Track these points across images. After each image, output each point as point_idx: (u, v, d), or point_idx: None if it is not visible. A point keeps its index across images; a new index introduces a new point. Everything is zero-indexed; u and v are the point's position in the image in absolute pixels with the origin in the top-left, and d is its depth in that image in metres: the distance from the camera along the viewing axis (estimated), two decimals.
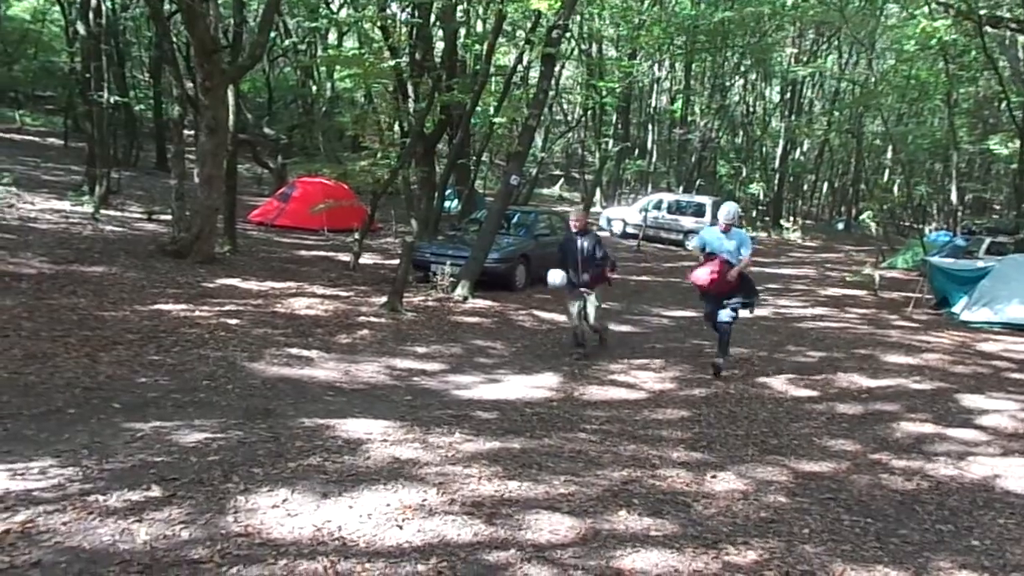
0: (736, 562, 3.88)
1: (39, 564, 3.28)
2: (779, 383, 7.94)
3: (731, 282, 7.70)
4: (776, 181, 35.07)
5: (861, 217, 30.52)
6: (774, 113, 36.20)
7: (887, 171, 35.04)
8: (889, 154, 32.56)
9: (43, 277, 9.22)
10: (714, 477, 5.07)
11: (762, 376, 8.19)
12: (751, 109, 36.88)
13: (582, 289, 8.39)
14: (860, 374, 8.48)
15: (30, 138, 24.45)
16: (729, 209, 7.95)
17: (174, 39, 16.14)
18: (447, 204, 18.70)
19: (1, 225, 11.84)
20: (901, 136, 29.02)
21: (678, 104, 32.85)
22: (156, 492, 4.07)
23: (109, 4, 17.48)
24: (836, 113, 34.29)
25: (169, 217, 13.62)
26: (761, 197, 35.55)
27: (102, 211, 14.27)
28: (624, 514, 4.33)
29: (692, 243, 8.02)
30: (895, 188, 30.46)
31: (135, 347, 6.95)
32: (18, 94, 27.89)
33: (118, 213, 15.02)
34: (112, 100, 16.82)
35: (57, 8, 23.97)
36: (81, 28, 16.99)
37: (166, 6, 14.99)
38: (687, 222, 22.96)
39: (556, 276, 8.43)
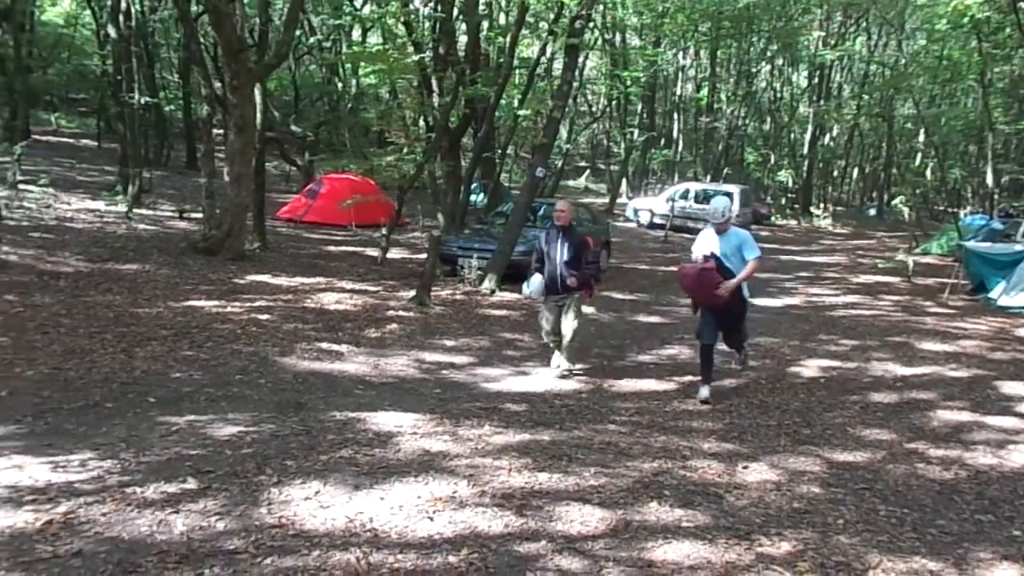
0: (770, 553, 3.84)
1: (80, 554, 3.36)
2: (811, 372, 7.85)
3: (721, 296, 6.24)
4: (805, 168, 34.62)
5: (893, 202, 30.02)
6: (802, 98, 35.70)
7: (919, 155, 34.39)
8: (921, 137, 31.92)
9: (80, 275, 9.40)
10: (746, 468, 5.02)
11: (793, 365, 8.10)
12: (778, 95, 36.41)
13: (559, 297, 7.10)
14: (894, 362, 8.35)
15: (65, 140, 24.90)
16: (717, 205, 6.47)
17: (202, 40, 16.33)
18: (473, 198, 18.71)
19: (39, 225, 12.08)
20: (934, 118, 28.45)
21: (704, 92, 32.54)
22: (192, 484, 4.14)
23: (138, 7, 17.72)
24: (866, 97, 33.71)
25: (200, 215, 13.81)
26: (790, 184, 35.13)
27: (135, 210, 14.48)
28: (655, 505, 4.31)
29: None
30: (928, 172, 29.86)
31: (169, 343, 7.07)
32: (53, 97, 28.45)
33: (150, 212, 15.25)
34: (143, 101, 17.05)
35: (88, 12, 24.36)
36: (112, 31, 17.26)
37: (193, 7, 15.17)
38: None
39: (533, 283, 7.09)
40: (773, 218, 30.18)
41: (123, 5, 16.43)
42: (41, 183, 13.96)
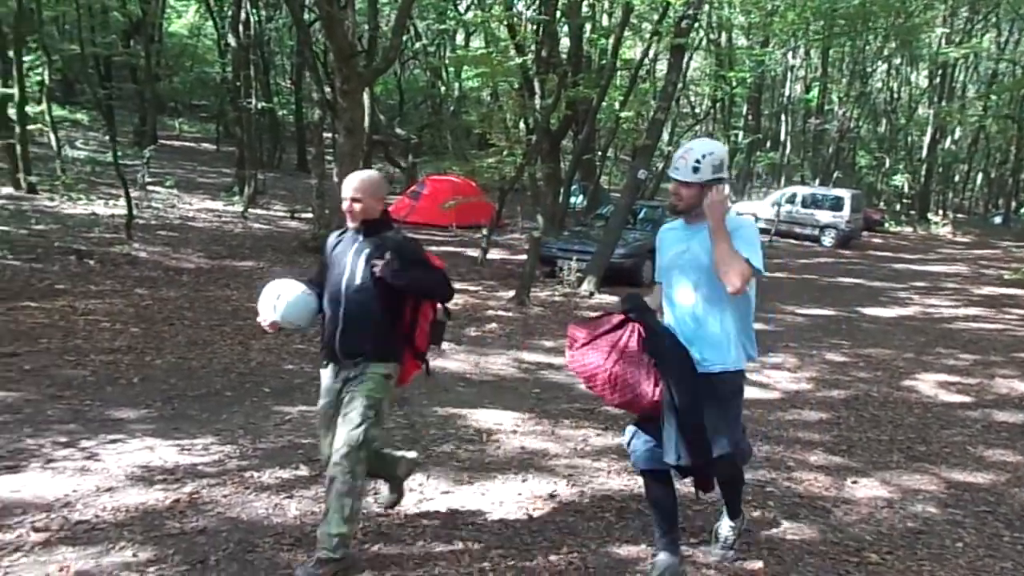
0: (881, 572, 3.69)
1: (205, 531, 3.58)
2: (927, 387, 7.45)
3: (649, 398, 3.22)
4: (923, 172, 32.85)
5: (1022, 210, 28.12)
6: (921, 99, 33.89)
7: None
8: None
9: (201, 271, 10.00)
10: (855, 483, 4.83)
11: (908, 379, 7.71)
12: (895, 96, 34.70)
13: (343, 365, 3.39)
14: (1022, 379, 7.83)
15: (187, 144, 26.45)
16: (695, 149, 3.31)
17: (314, 47, 17.02)
18: (573, 200, 18.72)
19: (165, 224, 12.91)
20: None
21: (814, 92, 31.37)
22: (304, 471, 4.34)
23: (256, 17, 18.64)
24: (993, 97, 31.66)
25: (310, 215, 14.40)
26: (906, 189, 33.45)
27: (250, 210, 15.26)
28: (758, 515, 4.21)
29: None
30: None
31: (282, 336, 7.41)
32: (177, 104, 30.25)
33: (264, 212, 16.02)
34: (258, 106, 17.93)
35: (211, 23, 25.83)
36: (232, 40, 18.25)
37: (307, 15, 15.84)
38: (823, 216, 22.04)
39: (279, 292, 3.41)
40: (887, 224, 28.83)
41: (242, 15, 17.36)
42: (167, 184, 14.92)
